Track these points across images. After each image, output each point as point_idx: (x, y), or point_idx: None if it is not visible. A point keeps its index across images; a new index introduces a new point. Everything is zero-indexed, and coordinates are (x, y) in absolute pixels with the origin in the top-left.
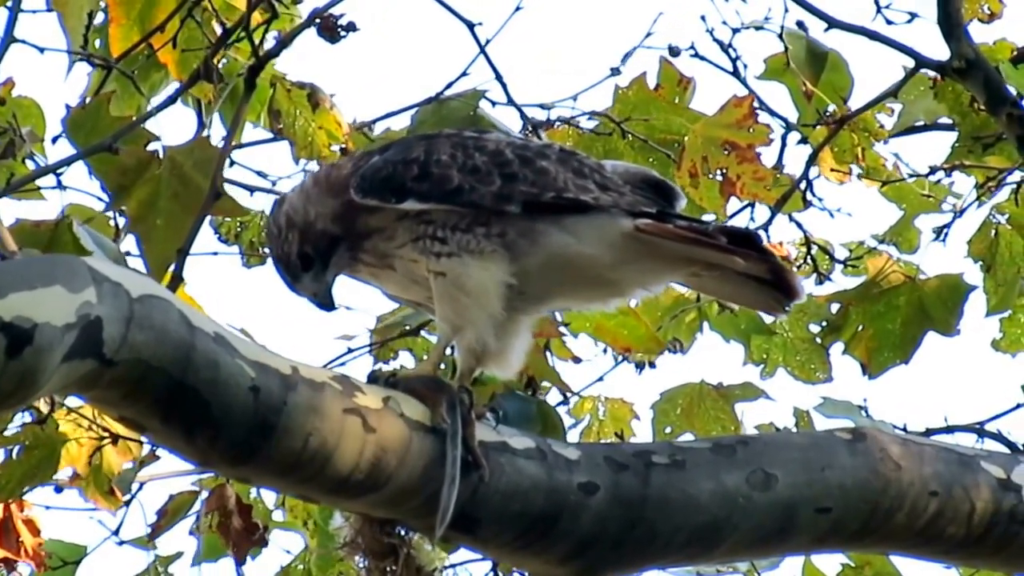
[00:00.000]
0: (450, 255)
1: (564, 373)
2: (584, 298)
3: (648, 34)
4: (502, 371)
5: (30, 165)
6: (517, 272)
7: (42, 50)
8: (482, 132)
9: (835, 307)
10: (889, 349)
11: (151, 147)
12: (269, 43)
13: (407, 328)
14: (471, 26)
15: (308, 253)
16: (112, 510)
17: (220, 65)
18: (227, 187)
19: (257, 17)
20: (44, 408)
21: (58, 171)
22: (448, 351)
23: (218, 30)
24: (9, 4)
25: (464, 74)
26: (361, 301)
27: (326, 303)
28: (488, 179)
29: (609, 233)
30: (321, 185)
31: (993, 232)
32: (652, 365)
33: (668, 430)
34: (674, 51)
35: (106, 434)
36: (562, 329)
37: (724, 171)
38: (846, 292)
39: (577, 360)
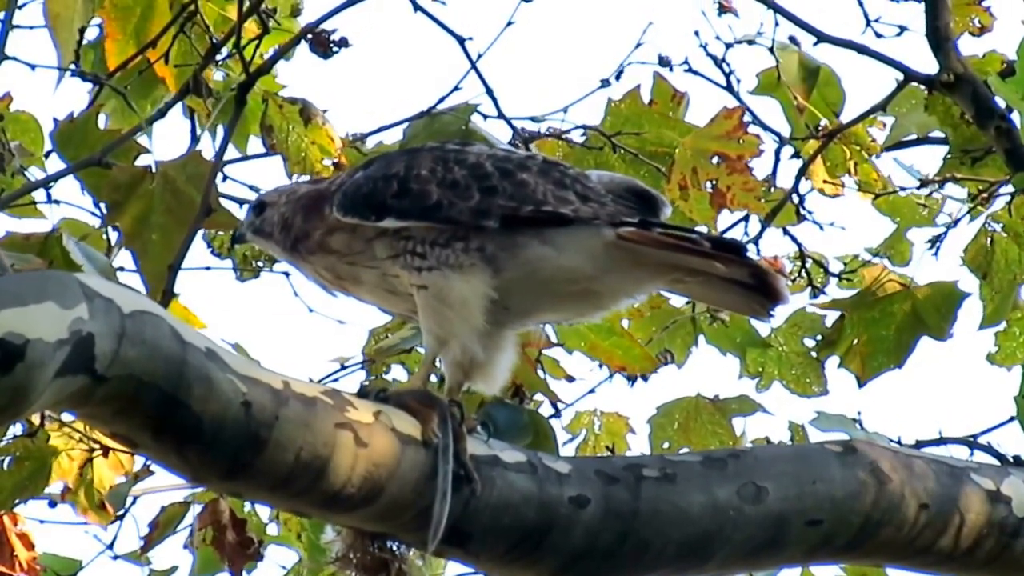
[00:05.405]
0: (431, 269)
1: (557, 388)
2: (569, 310)
3: (638, 44)
4: (487, 386)
5: (23, 180)
6: (499, 286)
7: (33, 67)
8: (465, 144)
9: (830, 319)
10: (883, 354)
11: (144, 162)
12: (266, 57)
13: (401, 351)
14: (462, 41)
15: (263, 208)
16: (104, 525)
17: (219, 78)
18: (220, 201)
19: (255, 30)
20: (35, 420)
21: (48, 186)
22: (436, 364)
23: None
24: (2, 19)
25: (456, 88)
26: (354, 315)
27: (237, 239)
28: (467, 194)
29: (591, 244)
30: (298, 201)
31: (988, 240)
32: (645, 378)
33: (665, 445)
34: (665, 62)
35: (96, 447)
36: (556, 347)
37: (714, 182)
38: (842, 300)
39: (571, 379)
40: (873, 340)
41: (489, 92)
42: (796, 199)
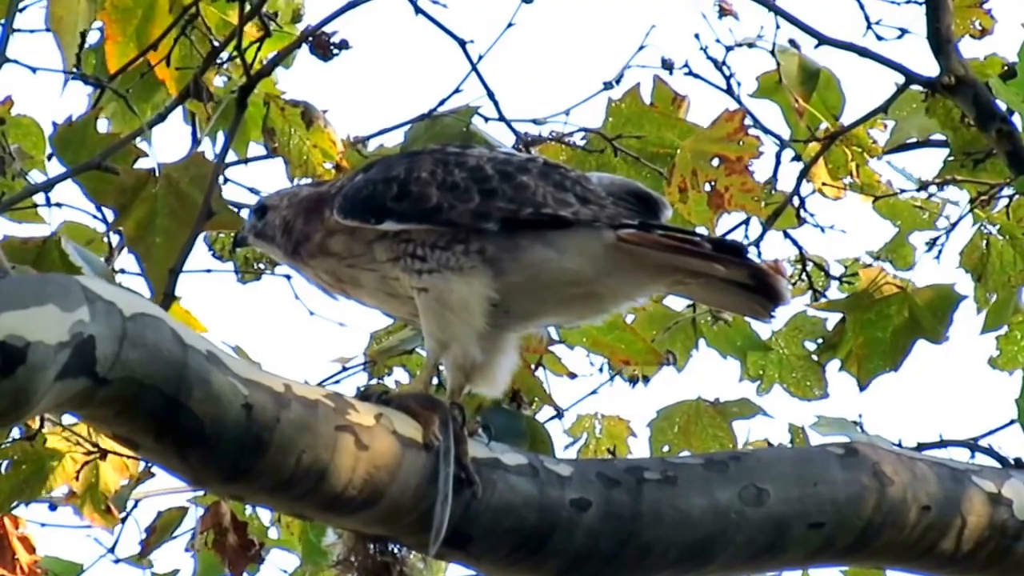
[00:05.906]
0: (431, 272)
1: (558, 389)
2: (570, 312)
3: (641, 47)
4: (489, 389)
5: (24, 184)
6: (500, 288)
7: (34, 70)
8: (465, 147)
9: (831, 323)
10: (879, 357)
11: (145, 164)
12: (267, 61)
13: (402, 352)
14: (463, 43)
15: (265, 211)
16: (109, 528)
17: (221, 83)
18: (223, 202)
19: (256, 34)
20: (34, 423)
21: (47, 190)
22: (438, 367)
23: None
24: (3, 22)
25: (457, 91)
26: (355, 318)
27: (238, 242)
28: (466, 196)
29: (591, 246)
30: (300, 204)
31: (984, 243)
32: (646, 380)
33: (665, 448)
34: (667, 64)
35: (95, 450)
36: (558, 344)
37: (713, 183)
38: (838, 302)
39: (573, 376)
40: (869, 342)
41: (490, 95)
42: (797, 202)
